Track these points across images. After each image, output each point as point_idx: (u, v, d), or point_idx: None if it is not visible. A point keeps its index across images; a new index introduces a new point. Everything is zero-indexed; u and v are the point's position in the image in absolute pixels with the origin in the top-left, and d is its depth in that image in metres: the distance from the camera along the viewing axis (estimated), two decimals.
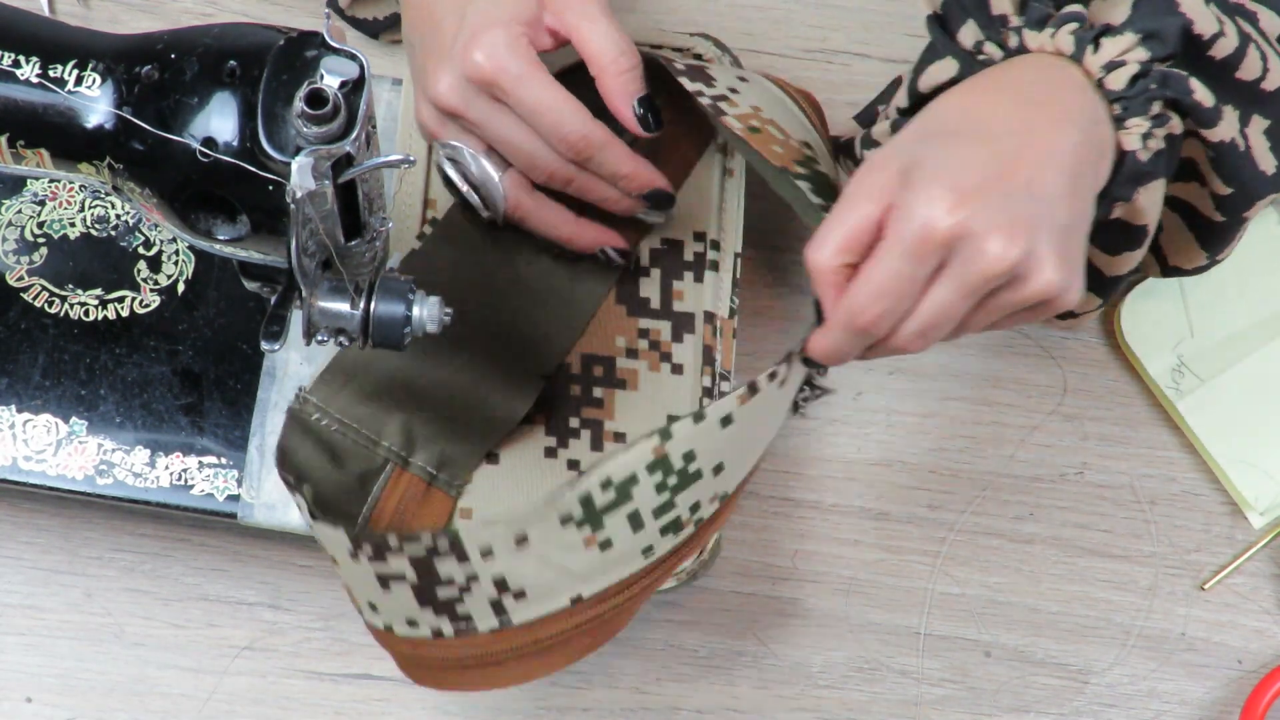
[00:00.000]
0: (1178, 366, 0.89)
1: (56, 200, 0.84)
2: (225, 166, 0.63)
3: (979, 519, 0.88)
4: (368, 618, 0.71)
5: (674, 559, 0.69)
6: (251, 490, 0.80)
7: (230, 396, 0.81)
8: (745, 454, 0.69)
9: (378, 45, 0.90)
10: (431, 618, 0.67)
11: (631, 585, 0.68)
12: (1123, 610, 0.88)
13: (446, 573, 0.65)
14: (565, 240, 0.80)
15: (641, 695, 0.85)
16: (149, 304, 0.83)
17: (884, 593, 0.87)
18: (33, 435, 0.80)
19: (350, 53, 0.63)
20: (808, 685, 0.86)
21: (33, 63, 0.65)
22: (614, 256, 0.81)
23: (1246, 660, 0.88)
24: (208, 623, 0.84)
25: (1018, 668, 0.87)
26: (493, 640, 0.67)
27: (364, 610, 0.70)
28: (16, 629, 0.83)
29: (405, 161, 0.64)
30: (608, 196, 0.79)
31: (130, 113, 0.64)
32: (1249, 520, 0.89)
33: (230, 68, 0.63)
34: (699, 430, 0.65)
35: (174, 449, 0.81)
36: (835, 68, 0.94)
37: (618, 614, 0.69)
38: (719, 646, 0.86)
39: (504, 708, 0.84)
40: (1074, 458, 0.90)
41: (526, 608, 0.66)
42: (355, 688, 0.84)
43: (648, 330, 0.83)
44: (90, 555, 0.84)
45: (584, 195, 0.78)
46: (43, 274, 0.83)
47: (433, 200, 0.84)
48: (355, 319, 0.71)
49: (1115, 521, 0.89)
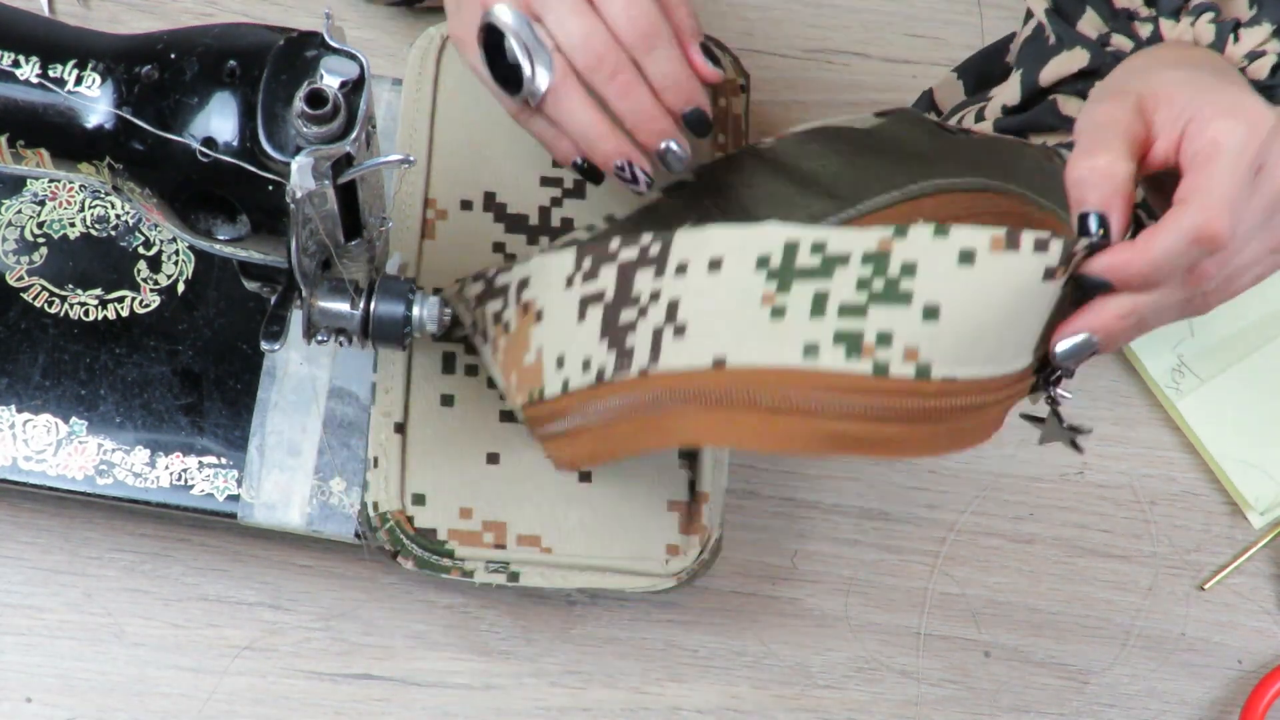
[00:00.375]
0: (1178, 366, 0.89)
1: (56, 200, 0.84)
2: (225, 166, 0.63)
3: (979, 519, 0.88)
4: (533, 397, 0.74)
5: (839, 424, 0.63)
6: (251, 490, 0.80)
7: (230, 396, 0.81)
8: (960, 330, 0.61)
9: (378, 45, 0.90)
10: (603, 353, 0.69)
11: (768, 383, 0.63)
12: (1122, 610, 0.88)
13: (638, 288, 0.66)
14: (591, 141, 0.76)
15: (641, 695, 0.85)
16: (149, 304, 0.83)
17: (884, 593, 0.87)
18: (33, 435, 0.80)
19: (350, 53, 0.63)
20: (808, 685, 0.86)
21: (33, 63, 0.65)
22: (639, 175, 0.77)
23: (1246, 660, 0.88)
24: (208, 623, 0.84)
25: (1018, 668, 0.87)
26: (636, 385, 0.68)
27: (527, 391, 0.74)
28: (16, 629, 0.83)
29: (405, 161, 0.64)
30: (642, 108, 0.74)
31: (130, 113, 0.64)
32: (1249, 520, 0.89)
33: (230, 68, 0.63)
34: (931, 246, 0.59)
35: (174, 449, 0.81)
36: (835, 68, 0.94)
37: (733, 428, 0.65)
38: (719, 646, 0.86)
39: (504, 708, 0.84)
40: (1074, 458, 0.90)
41: (677, 352, 0.66)
42: (355, 688, 0.84)
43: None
44: (90, 555, 0.84)
45: (622, 99, 0.74)
46: (43, 274, 0.83)
47: (432, 200, 0.84)
48: (355, 319, 0.71)
49: (1115, 521, 0.89)
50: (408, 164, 0.64)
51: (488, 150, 0.85)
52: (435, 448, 0.80)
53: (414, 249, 0.83)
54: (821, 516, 0.88)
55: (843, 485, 0.88)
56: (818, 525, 0.88)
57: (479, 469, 0.80)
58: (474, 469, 0.80)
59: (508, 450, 0.81)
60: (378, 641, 0.84)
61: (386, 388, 0.81)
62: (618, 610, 0.86)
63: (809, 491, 0.88)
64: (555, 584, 0.79)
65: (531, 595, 0.85)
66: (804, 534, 0.88)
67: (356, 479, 0.81)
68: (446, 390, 0.81)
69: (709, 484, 0.81)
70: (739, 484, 0.87)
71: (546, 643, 0.85)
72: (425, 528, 0.79)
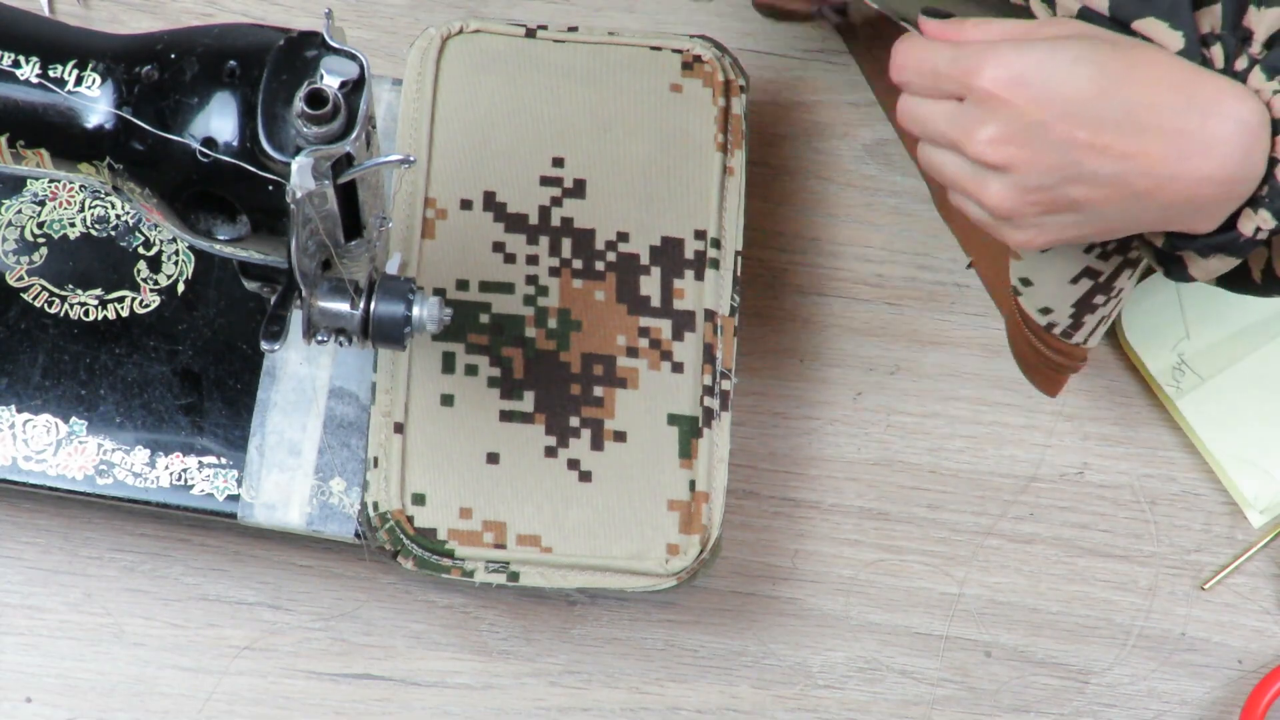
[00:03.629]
0: (1178, 365, 0.89)
1: (56, 200, 0.84)
2: (225, 166, 0.63)
3: (979, 519, 0.88)
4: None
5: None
6: (251, 490, 0.80)
7: (230, 396, 0.81)
8: None
9: (378, 45, 0.90)
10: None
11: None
12: (1123, 610, 0.88)
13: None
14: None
15: (641, 695, 0.85)
16: (149, 304, 0.83)
17: (884, 593, 0.87)
18: (33, 435, 0.80)
19: (350, 53, 0.63)
20: (808, 685, 0.86)
21: (33, 63, 0.65)
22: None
23: (1246, 660, 0.88)
24: (208, 623, 0.84)
25: (1018, 668, 0.87)
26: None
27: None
28: (16, 629, 0.83)
29: (405, 161, 0.64)
30: None
31: (130, 113, 0.64)
32: (1249, 519, 0.89)
33: (230, 68, 0.63)
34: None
35: (174, 449, 0.81)
36: (836, 68, 0.94)
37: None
38: (719, 646, 0.86)
39: (504, 708, 0.84)
40: (1074, 458, 0.90)
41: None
42: (355, 688, 0.84)
43: (648, 328, 0.83)
44: (90, 555, 0.84)
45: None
46: (43, 274, 0.83)
47: (432, 199, 0.84)
48: (355, 319, 0.71)
49: (1115, 521, 0.89)
50: (408, 164, 0.64)
51: (487, 150, 0.85)
52: (435, 448, 0.80)
53: (414, 249, 0.83)
54: (821, 516, 0.88)
55: (843, 485, 0.88)
56: (818, 525, 0.88)
57: (479, 469, 0.80)
58: (474, 469, 0.80)
59: (508, 450, 0.81)
60: (378, 641, 0.84)
61: (386, 388, 0.81)
62: (618, 610, 0.86)
63: (809, 491, 0.88)
64: (555, 584, 0.79)
65: (531, 595, 0.85)
66: (804, 534, 0.88)
67: (356, 479, 0.81)
68: (447, 390, 0.81)
69: (709, 483, 0.81)
70: (739, 484, 0.87)
71: (546, 643, 0.85)
72: (425, 527, 0.79)
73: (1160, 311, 0.89)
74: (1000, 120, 0.66)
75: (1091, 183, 0.66)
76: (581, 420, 0.81)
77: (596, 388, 0.82)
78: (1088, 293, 0.77)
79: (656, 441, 0.81)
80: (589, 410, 0.81)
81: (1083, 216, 0.68)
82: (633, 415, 0.81)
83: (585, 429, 0.81)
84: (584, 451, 0.81)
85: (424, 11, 0.92)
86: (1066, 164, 0.66)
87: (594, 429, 0.81)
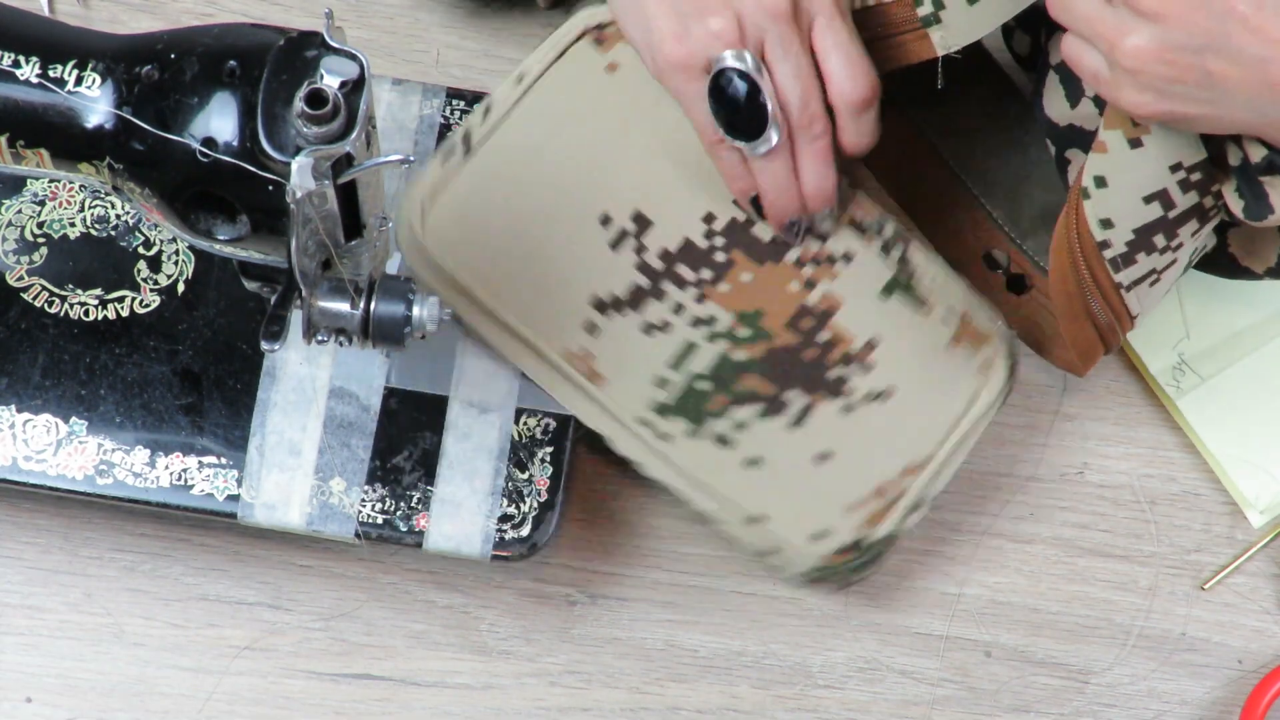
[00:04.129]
0: (1178, 365, 0.89)
1: (56, 200, 0.84)
2: (225, 166, 0.63)
3: (979, 519, 0.88)
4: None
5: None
6: (251, 490, 0.80)
7: (230, 396, 0.82)
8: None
9: (378, 45, 0.90)
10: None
11: None
12: (1123, 610, 0.88)
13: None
14: (779, 198, 0.78)
15: (641, 695, 0.85)
16: (149, 304, 0.83)
17: (884, 593, 0.87)
18: (33, 435, 0.80)
19: (350, 53, 0.63)
20: (808, 685, 0.86)
21: (33, 63, 0.65)
22: (801, 234, 0.80)
23: (1246, 660, 0.88)
24: (208, 623, 0.84)
25: (1018, 668, 0.87)
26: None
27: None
28: (16, 629, 0.83)
29: (405, 161, 0.64)
30: (825, 177, 0.78)
31: (130, 113, 0.64)
32: (1249, 519, 0.89)
33: (230, 68, 0.63)
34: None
35: (174, 449, 0.81)
36: None
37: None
38: (719, 646, 0.86)
39: (504, 708, 0.84)
40: (1074, 458, 0.90)
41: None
42: (355, 688, 0.84)
43: (801, 257, 0.82)
44: (90, 555, 0.85)
45: (814, 161, 0.77)
46: (43, 274, 0.83)
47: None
48: (355, 319, 0.71)
49: (1115, 521, 0.89)
50: (408, 164, 0.64)
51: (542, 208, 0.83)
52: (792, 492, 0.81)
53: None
54: None
55: None
56: None
57: (809, 469, 0.81)
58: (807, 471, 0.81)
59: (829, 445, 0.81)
60: (378, 641, 0.84)
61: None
62: (618, 610, 0.86)
63: None
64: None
65: (531, 595, 0.86)
66: None
67: (356, 479, 0.81)
68: (750, 455, 0.81)
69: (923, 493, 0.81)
70: None
71: (546, 643, 0.85)
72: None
73: (1160, 311, 0.89)
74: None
75: (1233, 59, 0.64)
76: (845, 365, 0.81)
77: (821, 333, 0.81)
78: (1152, 224, 0.74)
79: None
80: (836, 356, 0.81)
81: (1209, 95, 0.66)
82: (865, 320, 0.82)
83: (848, 368, 0.81)
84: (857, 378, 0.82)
85: (424, 12, 0.92)
86: (1216, 32, 0.64)
87: (857, 364, 0.81)
